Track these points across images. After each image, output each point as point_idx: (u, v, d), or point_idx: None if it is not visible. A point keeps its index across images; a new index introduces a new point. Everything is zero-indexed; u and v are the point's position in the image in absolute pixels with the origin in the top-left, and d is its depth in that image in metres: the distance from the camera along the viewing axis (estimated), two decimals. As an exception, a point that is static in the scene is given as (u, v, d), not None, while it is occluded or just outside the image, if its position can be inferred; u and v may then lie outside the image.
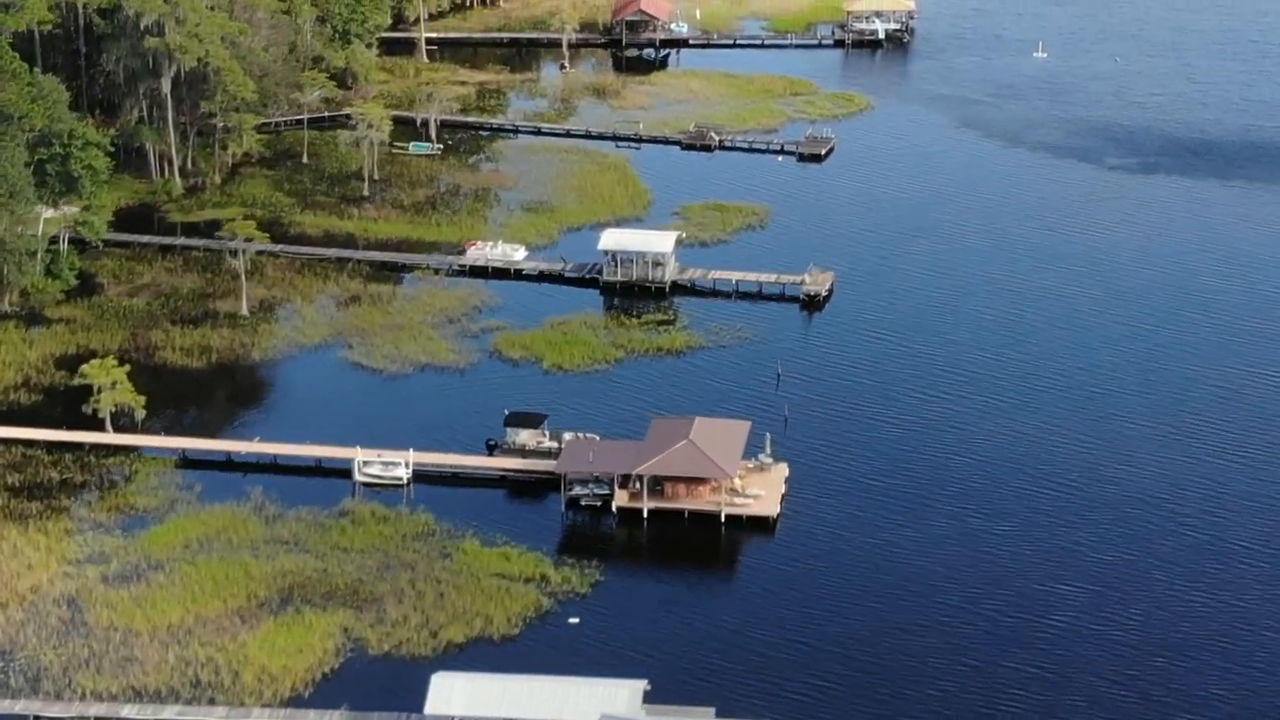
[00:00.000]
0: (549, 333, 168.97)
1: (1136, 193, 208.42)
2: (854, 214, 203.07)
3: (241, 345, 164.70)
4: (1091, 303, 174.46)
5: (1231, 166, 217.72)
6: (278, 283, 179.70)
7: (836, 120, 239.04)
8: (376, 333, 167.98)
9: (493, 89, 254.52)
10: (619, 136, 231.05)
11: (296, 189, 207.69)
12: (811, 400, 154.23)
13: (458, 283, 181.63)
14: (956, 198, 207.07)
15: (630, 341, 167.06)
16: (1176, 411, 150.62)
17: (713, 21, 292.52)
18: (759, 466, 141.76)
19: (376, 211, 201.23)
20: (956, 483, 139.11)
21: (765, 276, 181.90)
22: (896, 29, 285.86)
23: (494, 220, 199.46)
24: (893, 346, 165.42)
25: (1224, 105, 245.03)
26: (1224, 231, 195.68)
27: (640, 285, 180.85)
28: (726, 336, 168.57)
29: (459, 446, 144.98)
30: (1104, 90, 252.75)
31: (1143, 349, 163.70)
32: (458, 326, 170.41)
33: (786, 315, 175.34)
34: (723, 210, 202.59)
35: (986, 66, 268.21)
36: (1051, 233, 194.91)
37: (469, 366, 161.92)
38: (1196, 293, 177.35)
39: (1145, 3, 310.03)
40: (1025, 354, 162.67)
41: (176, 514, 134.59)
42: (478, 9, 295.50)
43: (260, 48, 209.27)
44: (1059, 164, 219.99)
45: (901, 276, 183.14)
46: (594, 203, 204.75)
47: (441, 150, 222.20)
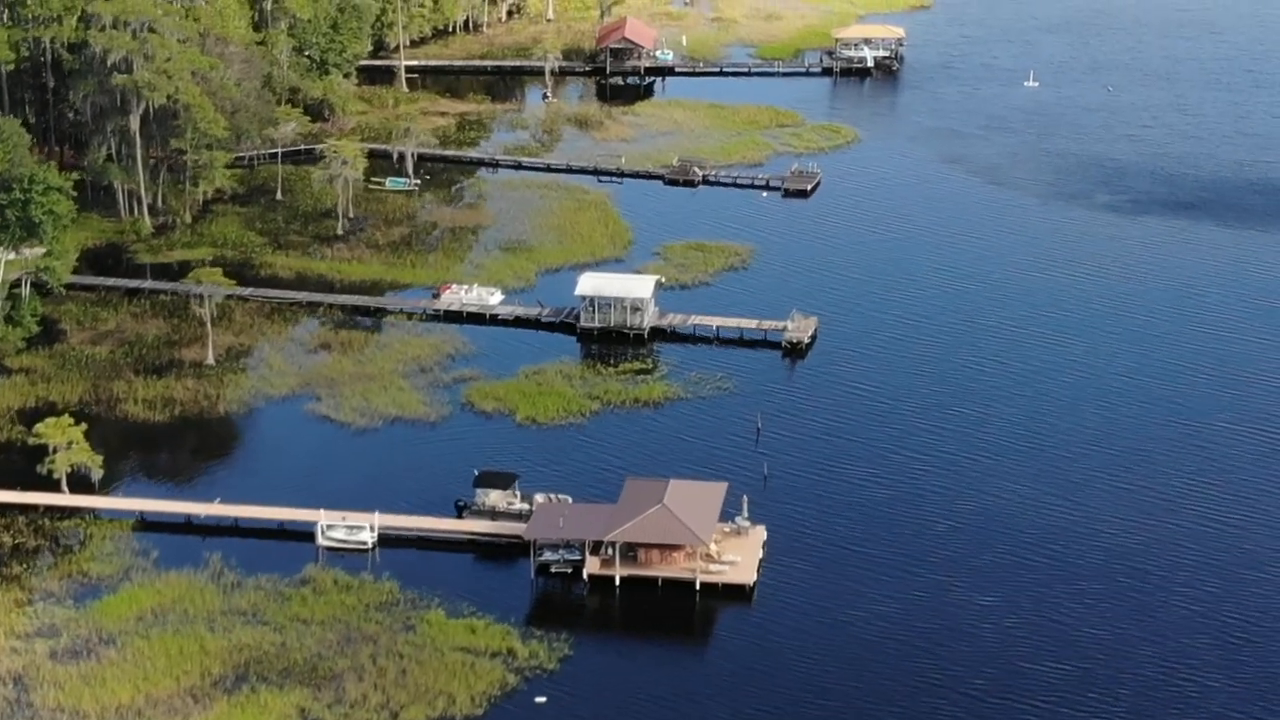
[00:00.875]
0: (523, 383, 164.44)
1: (1127, 234, 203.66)
2: (839, 254, 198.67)
3: (206, 397, 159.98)
4: (1082, 354, 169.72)
5: (1224, 205, 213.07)
6: (246, 329, 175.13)
7: (823, 153, 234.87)
8: (346, 383, 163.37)
9: (473, 120, 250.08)
10: (600, 171, 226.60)
11: (269, 227, 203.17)
12: (791, 457, 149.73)
13: (431, 328, 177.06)
14: (944, 238, 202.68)
15: (607, 392, 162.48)
16: (1173, 475, 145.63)
17: (699, 48, 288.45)
18: (736, 530, 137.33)
19: (350, 251, 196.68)
20: (939, 550, 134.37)
21: (747, 322, 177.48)
22: (885, 57, 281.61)
23: (470, 261, 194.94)
24: (876, 399, 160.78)
25: (1216, 138, 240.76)
26: (1217, 276, 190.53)
27: (618, 331, 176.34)
28: (706, 387, 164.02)
29: (427, 507, 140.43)
30: (1095, 123, 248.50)
31: (1135, 406, 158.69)
32: (430, 376, 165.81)
33: (768, 364, 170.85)
34: (705, 250, 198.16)
35: (976, 97, 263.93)
36: (1040, 275, 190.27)
37: (440, 420, 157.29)
38: (1191, 343, 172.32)
39: (1138, 30, 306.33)
40: (1011, 409, 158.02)
41: (131, 582, 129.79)
42: (460, 35, 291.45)
43: (232, 82, 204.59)
44: (1048, 202, 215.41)
45: (886, 323, 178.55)
46: (573, 242, 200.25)
47: (419, 186, 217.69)
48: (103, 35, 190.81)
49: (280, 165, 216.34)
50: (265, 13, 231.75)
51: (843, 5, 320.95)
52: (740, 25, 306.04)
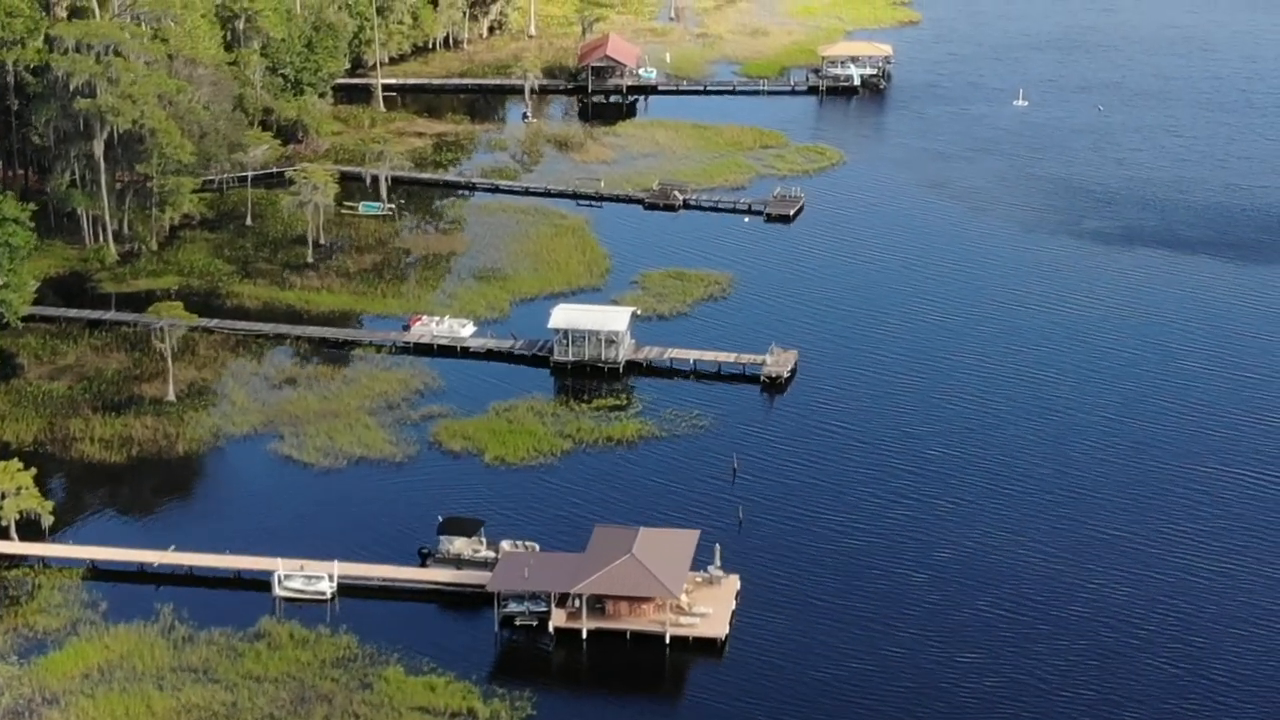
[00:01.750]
0: (493, 420, 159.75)
1: (1115, 264, 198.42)
2: (820, 283, 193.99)
3: (165, 436, 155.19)
4: (1068, 391, 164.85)
5: (1215, 232, 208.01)
6: (210, 362, 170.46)
7: (807, 176, 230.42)
8: (310, 421, 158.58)
9: (451, 140, 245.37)
10: (579, 195, 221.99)
11: (238, 255, 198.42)
12: (767, 500, 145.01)
13: (400, 361, 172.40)
14: (928, 266, 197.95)
15: (579, 430, 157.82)
16: (1160, 522, 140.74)
17: (683, 65, 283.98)
18: (708, 579, 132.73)
19: (320, 280, 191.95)
20: (918, 602, 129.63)
21: (725, 356, 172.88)
22: (873, 74, 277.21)
23: (443, 290, 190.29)
24: (855, 438, 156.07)
25: (1208, 162, 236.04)
26: (1208, 310, 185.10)
27: (593, 365, 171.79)
28: (681, 425, 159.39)
29: (390, 554, 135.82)
30: (1083, 145, 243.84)
31: (1122, 447, 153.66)
32: (397, 413, 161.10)
33: (746, 399, 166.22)
34: (683, 279, 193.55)
35: (964, 117, 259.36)
36: (1026, 308, 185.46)
37: (406, 460, 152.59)
38: (1181, 381, 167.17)
39: (1129, 47, 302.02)
40: (994, 449, 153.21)
41: (79, 637, 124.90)
42: (440, 52, 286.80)
43: (201, 105, 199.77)
44: (1036, 229, 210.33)
45: (867, 356, 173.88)
46: (549, 270, 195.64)
47: (393, 210, 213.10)
48: (65, 59, 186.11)
49: (250, 189, 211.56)
50: (238, 32, 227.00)
51: (830, 21, 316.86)
52: (726, 42, 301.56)
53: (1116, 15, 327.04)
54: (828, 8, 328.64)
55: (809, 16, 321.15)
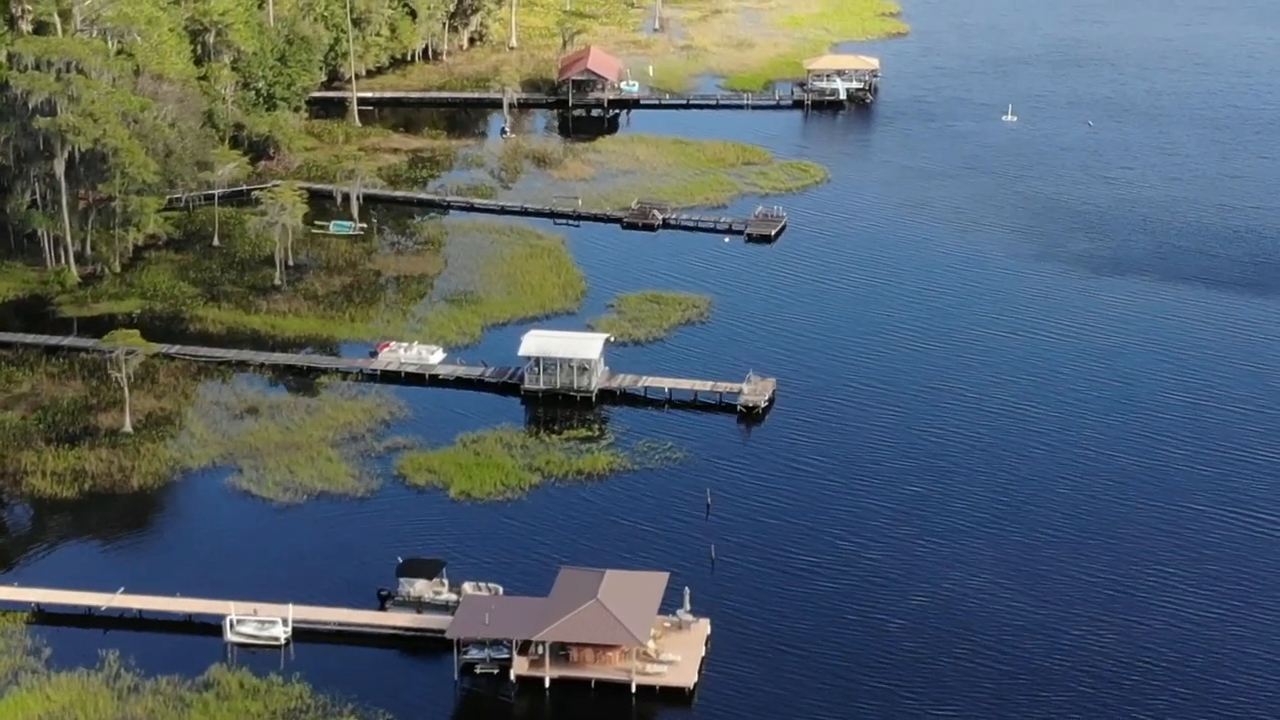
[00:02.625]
0: (460, 453, 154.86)
1: (1103, 289, 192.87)
2: (800, 307, 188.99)
3: (120, 470, 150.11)
4: (1053, 424, 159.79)
5: (1206, 255, 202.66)
6: (169, 390, 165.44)
7: (790, 194, 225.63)
8: (271, 453, 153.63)
9: (427, 156, 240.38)
10: (556, 214, 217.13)
11: (203, 277, 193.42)
12: (741, 539, 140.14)
13: (367, 390, 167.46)
14: (912, 290, 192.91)
15: (549, 463, 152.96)
16: (1147, 563, 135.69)
17: (667, 78, 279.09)
18: (677, 624, 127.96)
19: (287, 304, 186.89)
20: (893, 651, 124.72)
21: (701, 384, 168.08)
22: (859, 89, 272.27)
23: (413, 314, 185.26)
24: (833, 473, 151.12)
25: (1199, 181, 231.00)
26: (1199, 338, 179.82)
27: (564, 394, 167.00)
28: (654, 457, 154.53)
29: (347, 597, 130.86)
30: (1073, 163, 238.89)
31: (1107, 484, 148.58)
32: (361, 445, 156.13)
33: (722, 430, 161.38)
34: (661, 302, 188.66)
35: (952, 132, 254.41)
36: (1011, 336, 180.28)
37: (369, 495, 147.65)
38: (1169, 414, 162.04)
39: (1120, 61, 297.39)
40: (975, 486, 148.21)
41: (20, 686, 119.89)
42: (419, 64, 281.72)
43: (166, 123, 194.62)
44: (1023, 252, 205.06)
45: (847, 385, 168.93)
46: (523, 293, 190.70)
47: (364, 230, 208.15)
48: (24, 77, 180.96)
49: (218, 208, 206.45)
50: (208, 46, 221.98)
51: (817, 33, 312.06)
52: (710, 54, 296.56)
53: (1107, 28, 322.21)
54: (815, 19, 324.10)
55: (795, 28, 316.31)
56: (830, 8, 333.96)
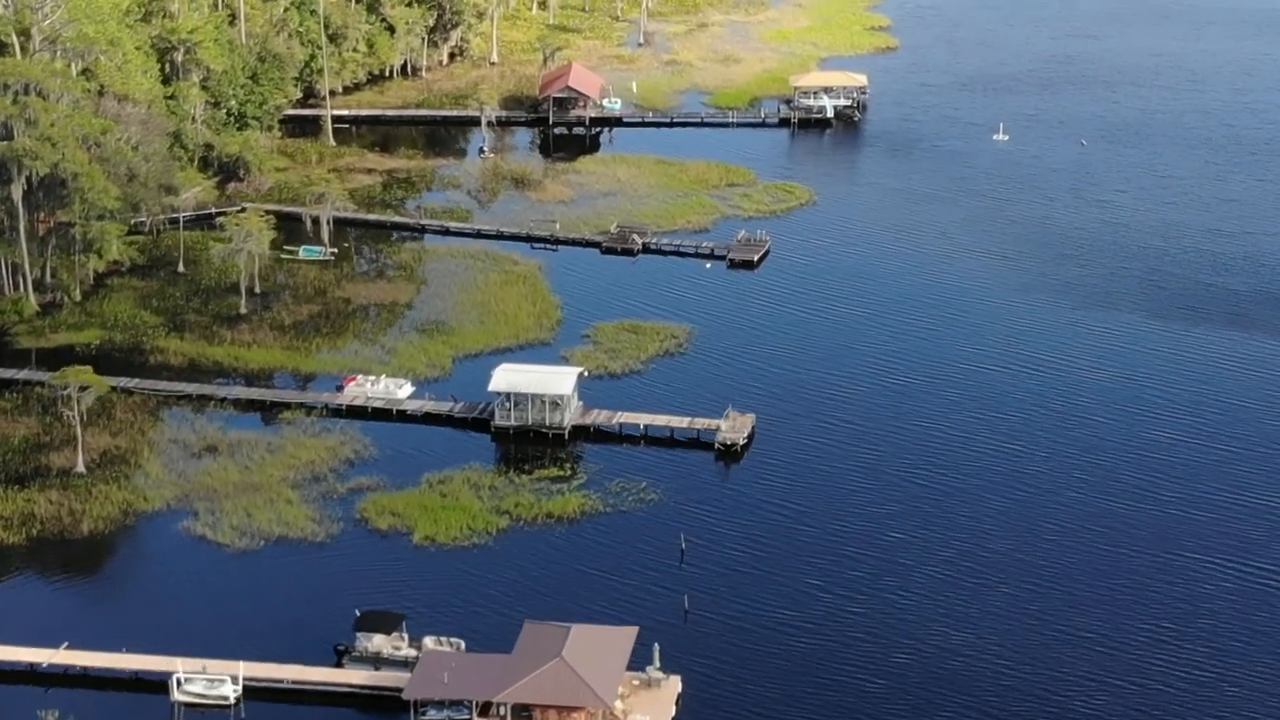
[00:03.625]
0: (426, 494, 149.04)
1: (1093, 321, 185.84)
2: (782, 338, 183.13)
3: (70, 513, 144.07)
4: (1041, 466, 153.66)
5: (1199, 285, 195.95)
6: (126, 427, 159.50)
7: (774, 217, 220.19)
8: (229, 495, 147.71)
9: (402, 177, 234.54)
10: (533, 238, 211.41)
11: (166, 305, 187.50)
12: (716, 589, 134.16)
13: (331, 426, 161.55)
14: (898, 321, 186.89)
15: (517, 505, 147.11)
16: (1138, 618, 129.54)
17: (650, 95, 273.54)
18: (646, 682, 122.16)
19: (252, 334, 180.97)
20: (874, 715, 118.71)
21: (677, 421, 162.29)
22: (847, 106, 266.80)
23: (382, 345, 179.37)
24: (812, 518, 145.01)
25: (1193, 204, 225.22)
26: (1191, 371, 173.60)
27: (536, 430, 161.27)
28: (628, 499, 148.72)
29: (303, 651, 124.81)
30: (1064, 185, 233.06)
31: (1098, 532, 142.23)
32: (323, 486, 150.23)
33: (699, 469, 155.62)
34: (638, 332, 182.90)
35: (941, 152, 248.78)
36: (1001, 370, 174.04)
37: (329, 539, 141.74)
38: (1164, 455, 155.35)
39: (1113, 77, 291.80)
40: (960, 534, 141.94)
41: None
42: (397, 80, 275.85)
43: (129, 146, 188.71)
44: (1010, 280, 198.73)
45: (829, 422, 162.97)
46: (496, 322, 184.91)
47: (335, 255, 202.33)
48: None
49: (183, 233, 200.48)
50: (176, 64, 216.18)
51: (805, 48, 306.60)
52: (695, 69, 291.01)
53: (1100, 42, 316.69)
54: (802, 33, 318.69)
55: (783, 42, 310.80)
56: (819, 22, 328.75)
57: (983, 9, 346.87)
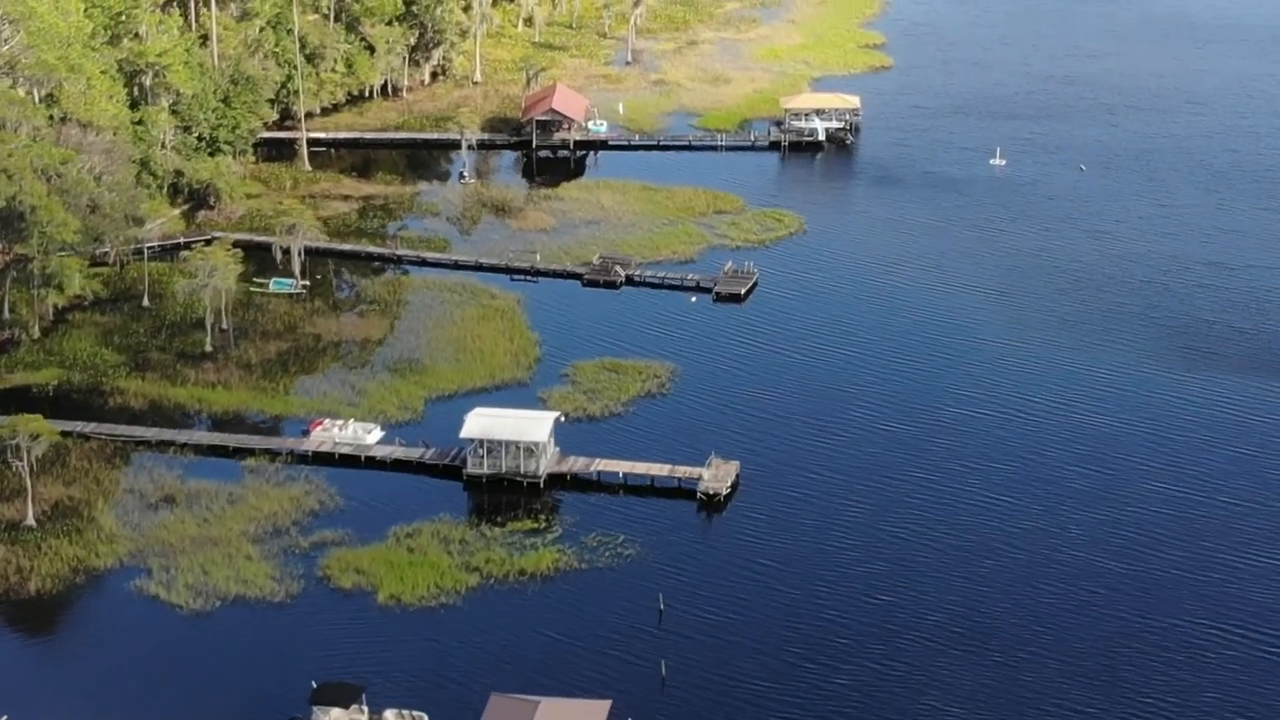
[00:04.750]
0: (392, 549, 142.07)
1: (1090, 362, 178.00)
2: (769, 378, 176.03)
3: (17, 571, 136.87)
4: (1037, 519, 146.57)
5: (1199, 321, 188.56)
6: (81, 476, 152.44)
7: (763, 247, 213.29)
8: (185, 550, 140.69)
9: (379, 204, 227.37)
10: (513, 270, 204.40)
11: (129, 342, 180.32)
12: (695, 656, 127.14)
13: (296, 474, 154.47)
14: (889, 361, 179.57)
15: (488, 562, 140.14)
16: (1133, 687, 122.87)
17: (637, 116, 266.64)
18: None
19: (217, 373, 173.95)
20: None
21: (658, 468, 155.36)
22: (839, 129, 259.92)
23: (352, 385, 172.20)
24: (798, 579, 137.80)
25: (1194, 235, 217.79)
26: (1193, 417, 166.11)
27: (510, 479, 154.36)
28: (604, 554, 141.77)
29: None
30: (1061, 214, 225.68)
31: (1094, 592, 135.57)
32: (285, 540, 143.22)
33: (680, 520, 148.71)
34: (619, 371, 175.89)
35: (935, 179, 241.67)
36: (992, 416, 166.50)
37: (289, 599, 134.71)
38: (1163, 509, 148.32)
39: (1112, 100, 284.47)
40: (949, 596, 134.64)
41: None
42: (377, 101, 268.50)
43: (92, 176, 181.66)
44: (1005, 317, 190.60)
45: (815, 470, 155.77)
46: (472, 360, 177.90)
47: (306, 288, 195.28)
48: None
49: (148, 264, 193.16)
50: (145, 88, 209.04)
51: (797, 67, 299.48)
52: (684, 89, 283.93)
53: (1099, 62, 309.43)
54: (795, 51, 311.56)
55: (774, 61, 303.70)
56: (811, 39, 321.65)
57: (979, 26, 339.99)
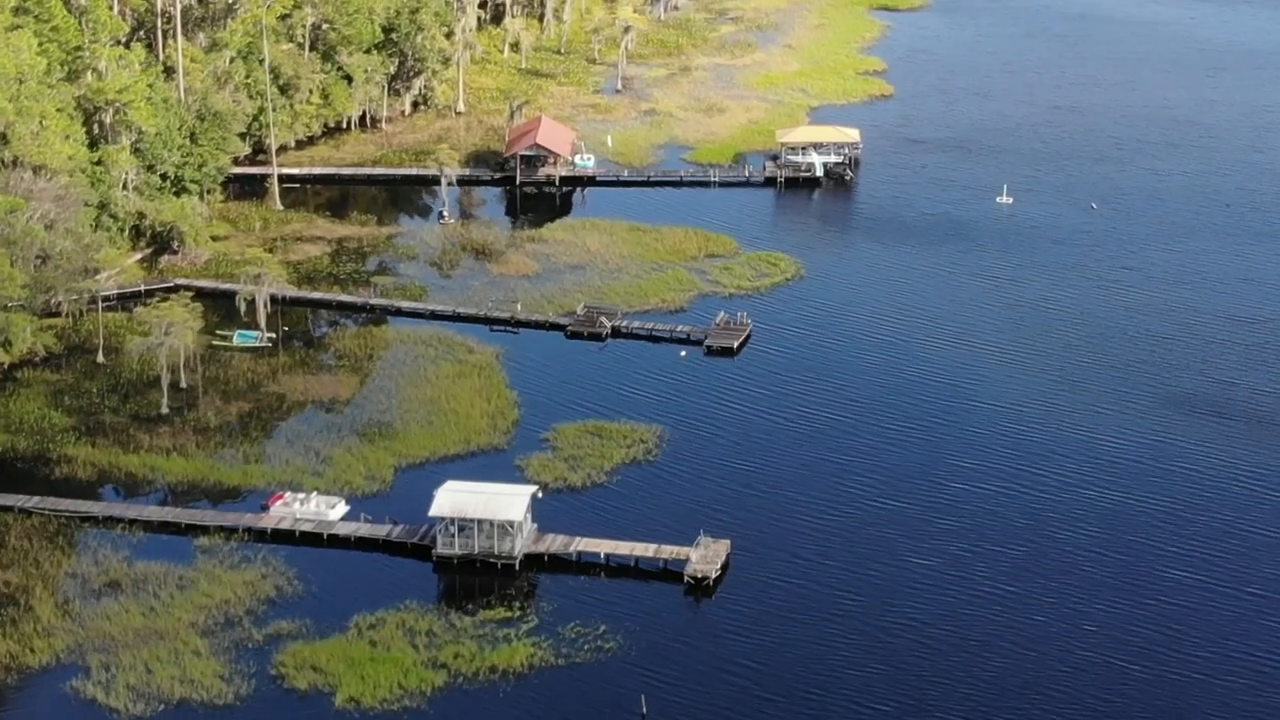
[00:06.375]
0: (354, 642, 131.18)
1: (1098, 427, 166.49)
2: (763, 443, 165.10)
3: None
4: (1043, 615, 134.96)
5: (1214, 381, 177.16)
6: (20, 557, 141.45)
7: (757, 295, 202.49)
8: (128, 645, 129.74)
9: (353, 247, 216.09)
10: (492, 320, 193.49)
11: (80, 404, 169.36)
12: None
13: (253, 554, 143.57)
14: (889, 425, 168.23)
15: (457, 657, 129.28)
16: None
17: (627, 149, 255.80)
18: None
19: (173, 438, 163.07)
20: None
21: (642, 548, 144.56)
22: (838, 164, 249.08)
23: (316, 452, 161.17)
24: (788, 681, 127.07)
25: (1206, 284, 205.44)
26: (1208, 490, 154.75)
27: (484, 560, 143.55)
28: (583, 647, 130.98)
29: None
30: (1069, 260, 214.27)
31: (1106, 704, 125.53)
32: (237, 633, 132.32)
33: (665, 608, 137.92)
34: (604, 435, 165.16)
35: (938, 220, 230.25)
36: (998, 491, 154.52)
37: (238, 701, 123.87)
38: (1179, 602, 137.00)
39: (1120, 132, 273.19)
40: (954, 709, 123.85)
41: None
42: (355, 133, 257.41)
43: (42, 225, 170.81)
44: (1010, 375, 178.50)
45: (811, 554, 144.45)
46: (446, 423, 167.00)
47: (272, 342, 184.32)
48: None
49: (102, 315, 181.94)
50: (105, 126, 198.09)
51: (794, 95, 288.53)
52: (676, 120, 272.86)
53: (1106, 92, 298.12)
54: (792, 79, 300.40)
55: (770, 89, 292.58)
56: (809, 65, 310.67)
57: (980, 52, 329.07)
